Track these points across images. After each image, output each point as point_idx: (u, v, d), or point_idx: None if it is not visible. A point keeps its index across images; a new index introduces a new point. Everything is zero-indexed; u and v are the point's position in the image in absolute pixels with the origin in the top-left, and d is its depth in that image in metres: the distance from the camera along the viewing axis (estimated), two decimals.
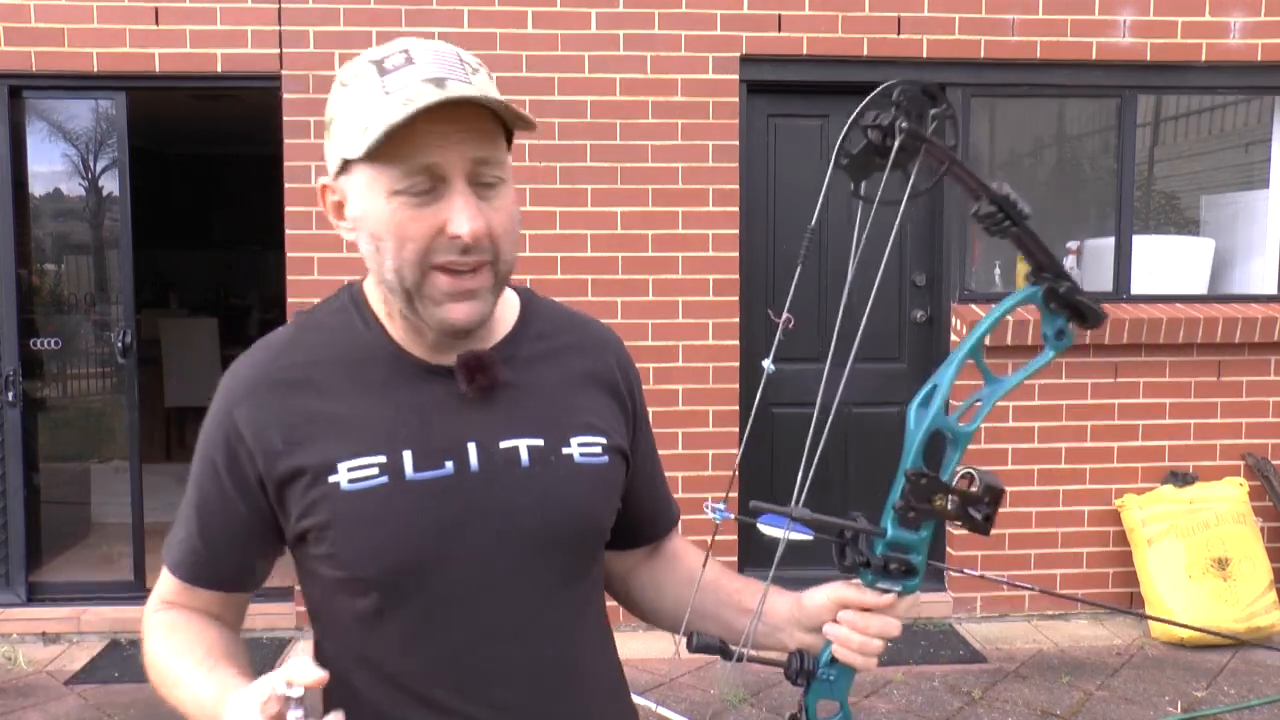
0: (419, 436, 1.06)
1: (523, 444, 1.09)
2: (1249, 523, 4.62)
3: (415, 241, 1.01)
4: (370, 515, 1.04)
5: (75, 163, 4.88)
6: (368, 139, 0.98)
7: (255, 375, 1.11)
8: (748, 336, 4.71)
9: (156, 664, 1.13)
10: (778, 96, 4.77)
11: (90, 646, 4.46)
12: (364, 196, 1.03)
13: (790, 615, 1.17)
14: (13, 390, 4.58)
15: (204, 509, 1.12)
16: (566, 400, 1.14)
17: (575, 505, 1.11)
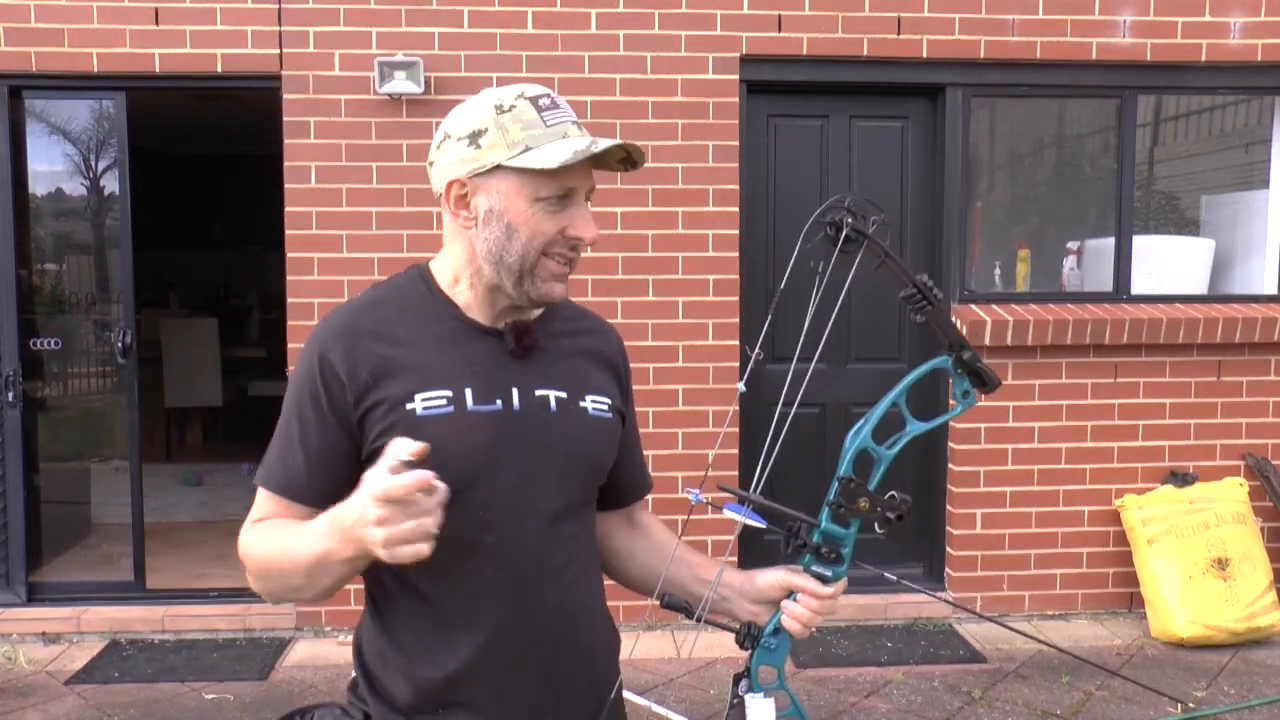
0: (478, 378, 1.35)
1: (552, 394, 1.39)
2: (1249, 523, 4.62)
3: (544, 236, 1.34)
4: (438, 433, 1.28)
5: (75, 162, 4.89)
6: (553, 158, 1.28)
7: (346, 324, 1.36)
8: (748, 336, 4.71)
9: (262, 553, 1.30)
10: (778, 96, 4.77)
11: (90, 646, 4.46)
12: (506, 196, 1.32)
13: (741, 588, 1.43)
14: (13, 390, 4.58)
15: (305, 435, 1.33)
16: (582, 368, 1.45)
17: (587, 444, 1.41)
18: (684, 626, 4.62)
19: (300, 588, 1.27)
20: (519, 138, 1.30)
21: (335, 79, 4.45)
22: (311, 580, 1.24)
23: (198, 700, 3.92)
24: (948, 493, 4.84)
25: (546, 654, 1.36)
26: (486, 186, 1.33)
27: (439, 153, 1.36)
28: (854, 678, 4.15)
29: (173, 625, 4.59)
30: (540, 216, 1.32)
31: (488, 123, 1.32)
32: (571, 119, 1.33)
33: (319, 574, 1.23)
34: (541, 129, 1.31)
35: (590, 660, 1.43)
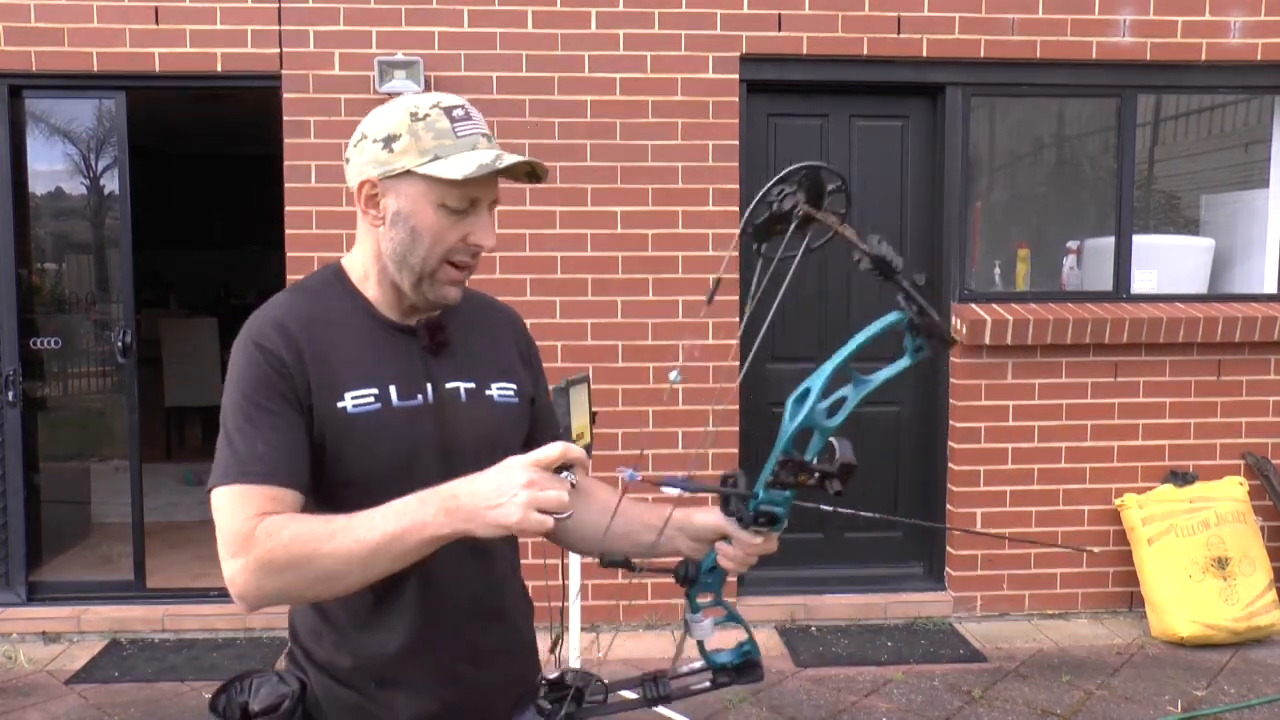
0: (399, 375, 1.42)
1: (461, 385, 1.47)
2: (1249, 522, 4.62)
3: (446, 242, 1.39)
4: (367, 430, 1.38)
5: (75, 162, 4.88)
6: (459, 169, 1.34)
7: (276, 320, 1.40)
8: (748, 336, 4.71)
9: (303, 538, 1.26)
10: (778, 96, 4.77)
11: (90, 646, 4.46)
12: (413, 201, 1.38)
13: (682, 524, 1.45)
14: (13, 390, 4.58)
15: (273, 421, 1.34)
16: (488, 358, 1.53)
17: (495, 430, 1.48)
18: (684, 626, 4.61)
19: (342, 575, 1.25)
20: (430, 146, 1.36)
21: (335, 78, 4.45)
22: (368, 564, 1.24)
23: (198, 700, 3.92)
24: (948, 493, 4.84)
25: (472, 628, 1.46)
26: (396, 189, 1.38)
27: (355, 151, 1.41)
28: (854, 677, 4.15)
29: (173, 625, 4.59)
30: (444, 223, 1.38)
31: (402, 128, 1.37)
32: (482, 131, 1.40)
33: (382, 556, 1.23)
34: (452, 139, 1.37)
35: (511, 628, 1.53)
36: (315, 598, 1.34)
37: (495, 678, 1.48)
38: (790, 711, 3.84)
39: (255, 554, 1.26)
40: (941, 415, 4.84)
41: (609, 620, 4.61)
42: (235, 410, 1.36)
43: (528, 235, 4.53)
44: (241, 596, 1.29)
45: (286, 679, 1.44)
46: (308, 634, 1.46)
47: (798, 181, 1.34)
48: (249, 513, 1.30)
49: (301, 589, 1.28)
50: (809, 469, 1.30)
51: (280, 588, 1.27)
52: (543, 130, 4.51)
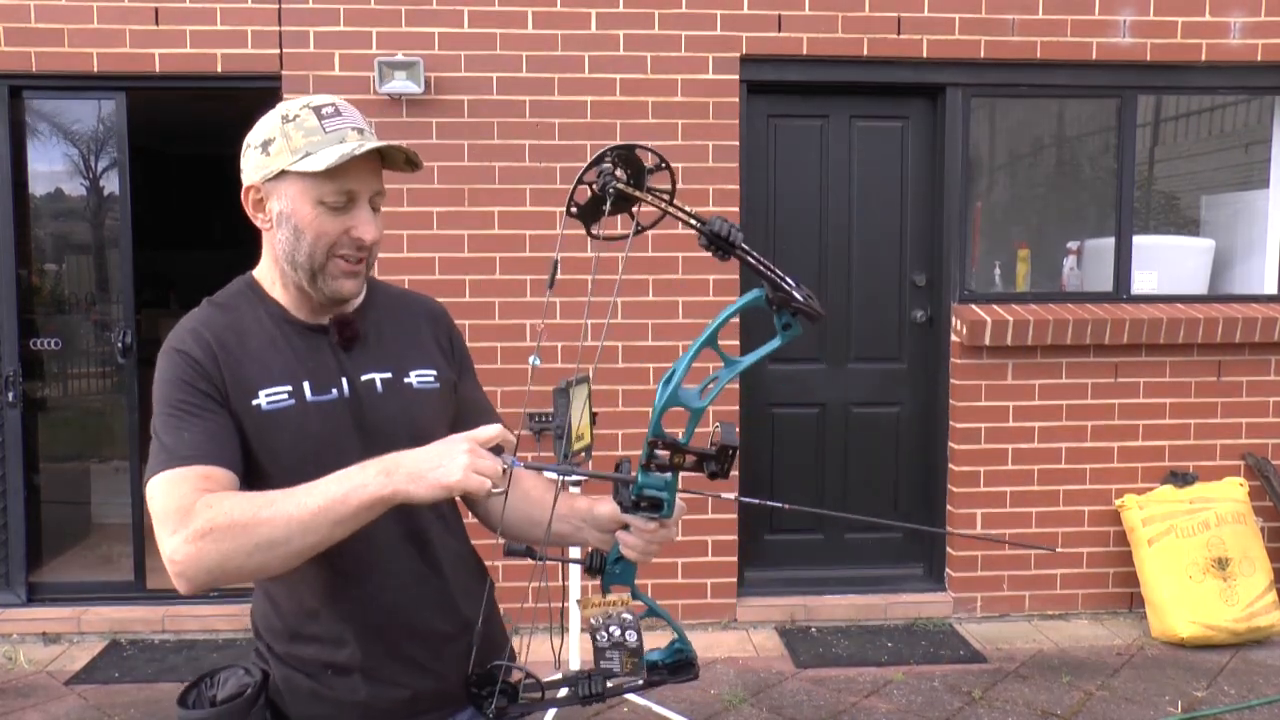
0: (312, 372, 1.47)
1: (377, 376, 1.52)
2: (1249, 523, 4.62)
3: (328, 237, 1.44)
4: (283, 425, 1.43)
5: (75, 163, 4.88)
6: (322, 161, 1.38)
7: (194, 330, 1.46)
8: (748, 336, 4.71)
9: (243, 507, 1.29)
10: (778, 96, 4.77)
11: (90, 646, 4.46)
12: (292, 200, 1.43)
13: (585, 516, 1.49)
14: (13, 390, 4.58)
15: (200, 413, 1.39)
16: (404, 348, 1.57)
17: (414, 417, 1.52)
18: (683, 626, 4.61)
19: (282, 541, 1.26)
20: (300, 144, 1.41)
21: (335, 79, 4.45)
22: (308, 529, 1.26)
23: None
24: (948, 493, 4.84)
25: (418, 614, 1.50)
26: (277, 191, 1.44)
27: (244, 160, 1.47)
28: (854, 677, 4.15)
29: (173, 625, 4.59)
30: (323, 219, 1.43)
31: (275, 131, 1.43)
32: (352, 125, 1.43)
33: (322, 520, 1.26)
34: (321, 135, 1.41)
35: (457, 611, 1.55)
36: (255, 569, 1.29)
37: (453, 658, 1.51)
38: (790, 712, 3.84)
39: (195, 525, 1.27)
40: (941, 415, 4.84)
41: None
42: (160, 412, 1.41)
43: (528, 235, 4.53)
44: (181, 573, 1.28)
45: (250, 670, 1.50)
46: (266, 629, 1.53)
47: (613, 160, 1.35)
48: (185, 490, 1.32)
49: (241, 559, 1.26)
50: (682, 450, 1.33)
51: (220, 558, 1.26)
52: (543, 130, 4.51)
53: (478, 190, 4.51)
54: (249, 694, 1.45)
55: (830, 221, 4.86)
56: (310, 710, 1.49)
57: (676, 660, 1.54)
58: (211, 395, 1.41)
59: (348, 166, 1.40)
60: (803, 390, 4.89)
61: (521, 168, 4.51)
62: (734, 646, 4.45)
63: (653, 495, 1.38)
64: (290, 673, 1.49)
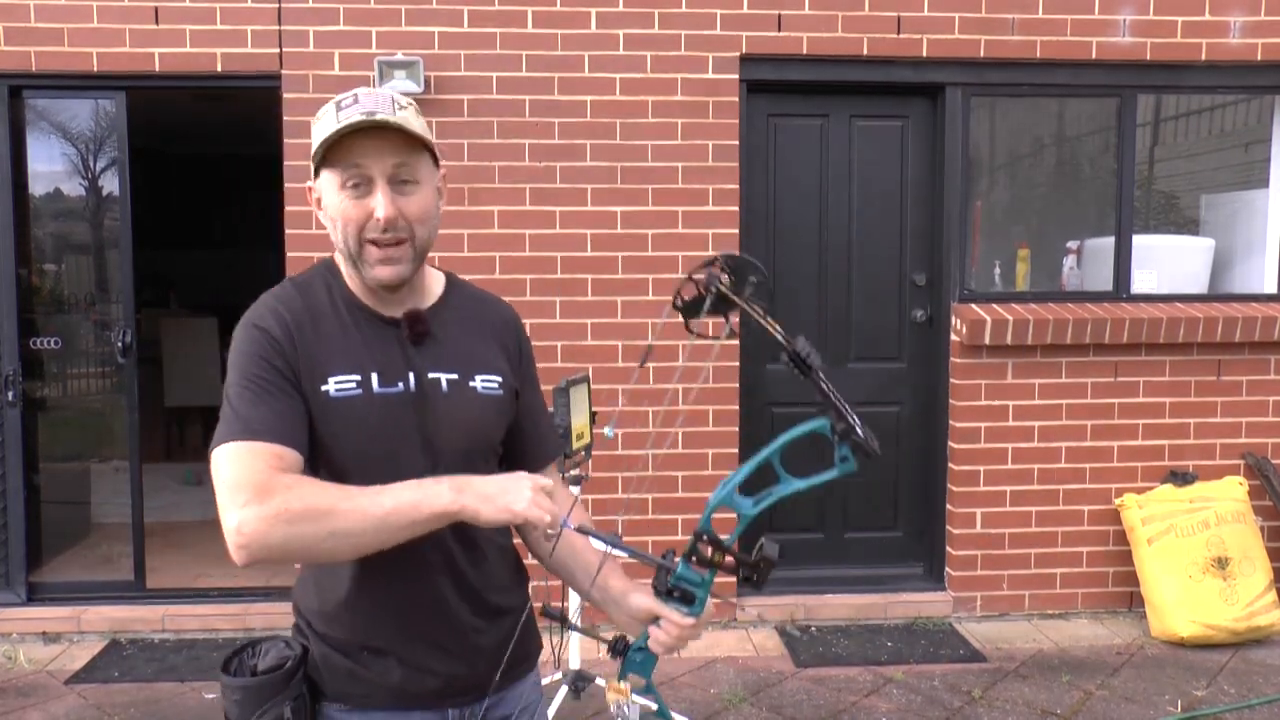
0: (381, 363, 1.49)
1: (443, 377, 1.52)
2: (1249, 522, 4.62)
3: (354, 223, 1.46)
4: (349, 413, 1.45)
5: (75, 163, 4.88)
6: (320, 149, 1.45)
7: (277, 308, 1.49)
8: (748, 336, 4.71)
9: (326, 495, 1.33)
10: (778, 96, 4.77)
11: (90, 646, 4.46)
12: (327, 191, 1.48)
13: (617, 599, 1.52)
14: (13, 390, 4.58)
15: (274, 390, 1.42)
16: (474, 351, 1.58)
17: (475, 420, 1.54)
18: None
19: (355, 534, 1.31)
20: (321, 139, 1.45)
21: (335, 78, 4.45)
22: (380, 528, 1.31)
23: (198, 700, 3.92)
24: (948, 493, 4.84)
25: (460, 605, 1.53)
26: (319, 186, 1.51)
27: None
28: (854, 677, 4.15)
29: (173, 625, 4.59)
30: (347, 205, 1.46)
31: (313, 131, 1.49)
32: (364, 110, 1.43)
33: (394, 522, 1.31)
34: (334, 125, 1.44)
35: (497, 607, 1.58)
36: (318, 556, 1.37)
37: (484, 649, 1.55)
38: (790, 711, 3.84)
39: (273, 502, 1.30)
40: (941, 415, 4.84)
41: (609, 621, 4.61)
42: (236, 384, 1.43)
43: (527, 235, 4.53)
44: (245, 545, 1.31)
45: (291, 644, 1.55)
46: (306, 608, 1.56)
47: (722, 265, 1.43)
48: (259, 466, 1.35)
49: (311, 542, 1.31)
50: (725, 550, 1.37)
51: (287, 540, 1.31)
52: (543, 130, 4.51)
53: (478, 190, 4.51)
54: (289, 666, 1.50)
55: (830, 221, 4.86)
56: (346, 688, 1.52)
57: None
58: (286, 375, 1.43)
59: (355, 148, 1.43)
60: (803, 390, 4.86)
61: (521, 167, 4.52)
62: (734, 646, 4.45)
63: (687, 589, 1.41)
64: (328, 651, 1.52)
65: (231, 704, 1.49)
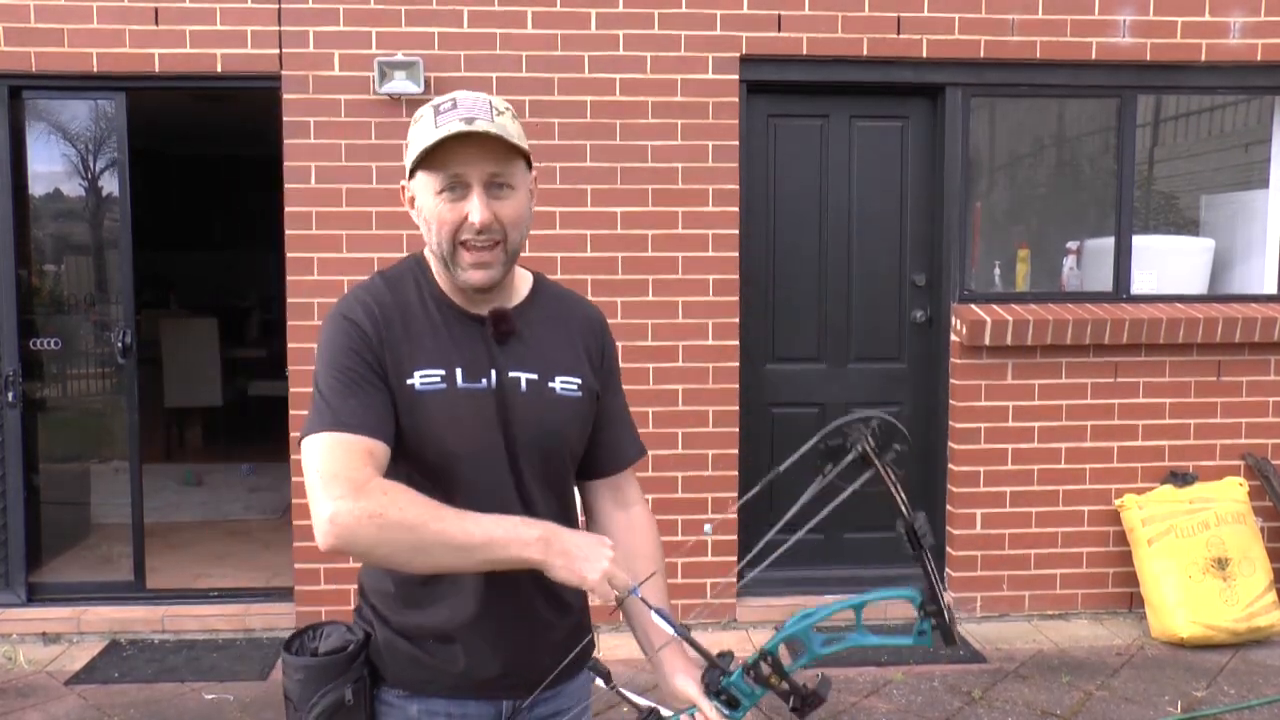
0: (466, 359, 1.52)
1: (523, 376, 1.55)
2: (1249, 523, 4.62)
3: (449, 225, 1.48)
4: (434, 407, 1.49)
5: (75, 163, 4.88)
6: (415, 150, 1.47)
7: (364, 301, 1.52)
8: (747, 336, 4.71)
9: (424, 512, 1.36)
10: (778, 96, 4.77)
11: (90, 646, 4.46)
12: (421, 194, 1.51)
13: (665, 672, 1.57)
14: (13, 390, 4.58)
15: (364, 383, 1.45)
16: (555, 352, 1.59)
17: (552, 421, 1.56)
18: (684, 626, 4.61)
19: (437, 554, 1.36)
20: (419, 142, 1.48)
21: (335, 79, 4.45)
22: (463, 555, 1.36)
23: (198, 700, 3.92)
24: (948, 493, 4.84)
25: (532, 600, 1.55)
26: (414, 188, 1.53)
27: None
28: (854, 677, 4.15)
29: (172, 625, 4.59)
30: (442, 208, 1.48)
31: (410, 134, 1.52)
32: (462, 116, 1.46)
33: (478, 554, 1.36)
34: (433, 130, 1.46)
35: (565, 602, 1.60)
36: (397, 564, 1.41)
37: (548, 644, 1.58)
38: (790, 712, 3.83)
39: (368, 504, 1.34)
40: (941, 415, 4.84)
41: (610, 621, 4.60)
42: (326, 374, 1.46)
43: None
44: (335, 534, 1.34)
45: (353, 629, 1.58)
46: (375, 593, 1.58)
47: (878, 425, 1.47)
48: (355, 462, 1.38)
49: (394, 551, 1.36)
50: (783, 675, 1.42)
51: (375, 543, 1.35)
52: (543, 130, 4.51)
53: None
54: (351, 649, 1.53)
55: (830, 221, 4.86)
56: (407, 674, 1.55)
57: None
58: (374, 368, 1.46)
59: (453, 155, 1.45)
60: (803, 390, 4.89)
61: None
62: (734, 646, 4.43)
63: (736, 696, 1.44)
64: (393, 636, 1.55)
65: (294, 683, 1.52)
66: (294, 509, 4.51)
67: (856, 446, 1.43)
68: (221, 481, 7.04)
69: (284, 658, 1.55)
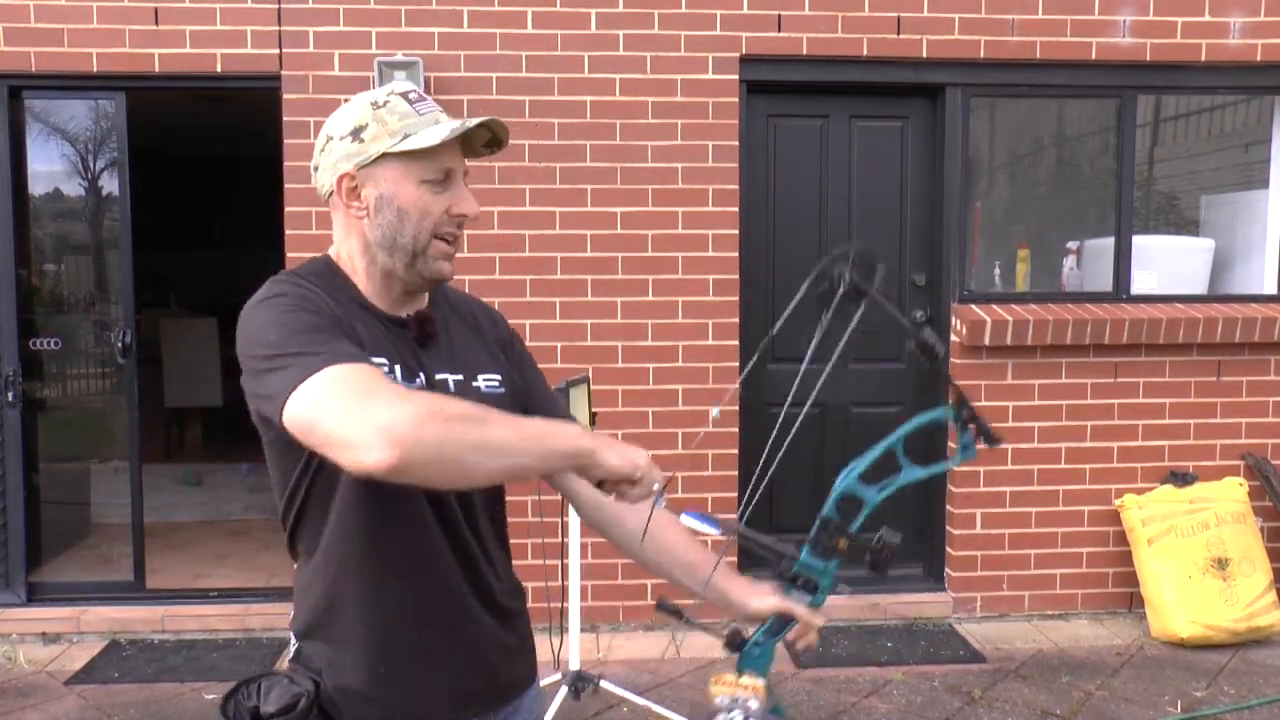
0: (400, 359, 1.46)
1: (450, 378, 1.51)
2: (1249, 523, 4.62)
3: (433, 216, 1.45)
4: None
5: (75, 163, 4.88)
6: (430, 138, 1.40)
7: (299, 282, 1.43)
8: (748, 336, 4.71)
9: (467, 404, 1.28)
10: (778, 96, 4.77)
11: (90, 646, 4.46)
12: (394, 182, 1.43)
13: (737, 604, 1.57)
14: (13, 390, 4.58)
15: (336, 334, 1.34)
16: (471, 351, 1.56)
17: None
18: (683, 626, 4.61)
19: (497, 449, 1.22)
20: (398, 127, 1.42)
21: (335, 79, 4.44)
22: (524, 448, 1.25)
23: (198, 700, 3.92)
24: (948, 493, 4.84)
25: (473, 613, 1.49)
26: (374, 176, 1.43)
27: (323, 155, 1.46)
28: (854, 678, 4.15)
29: (172, 625, 4.59)
30: (428, 198, 1.44)
31: (367, 118, 1.44)
32: (440, 109, 1.47)
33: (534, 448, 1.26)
34: (416, 117, 1.43)
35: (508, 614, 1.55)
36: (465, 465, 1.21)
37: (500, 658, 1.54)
38: (790, 712, 3.84)
39: (424, 402, 1.21)
40: None
41: (609, 621, 4.61)
42: (294, 336, 1.29)
43: (527, 236, 4.53)
44: (399, 441, 1.14)
45: (297, 679, 1.41)
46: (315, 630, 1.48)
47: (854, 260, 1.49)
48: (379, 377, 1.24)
49: (463, 449, 1.19)
50: (847, 534, 1.39)
51: (443, 438, 1.18)
52: (543, 130, 4.51)
53: (477, 190, 4.45)
54: (303, 705, 1.37)
55: (830, 221, 4.86)
56: (364, 714, 1.43)
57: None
58: (342, 328, 1.36)
59: (445, 147, 1.43)
60: (803, 390, 4.88)
61: (521, 168, 4.52)
62: None
63: (811, 576, 1.42)
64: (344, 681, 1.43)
65: None
66: None
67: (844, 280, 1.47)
68: (221, 481, 7.04)
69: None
